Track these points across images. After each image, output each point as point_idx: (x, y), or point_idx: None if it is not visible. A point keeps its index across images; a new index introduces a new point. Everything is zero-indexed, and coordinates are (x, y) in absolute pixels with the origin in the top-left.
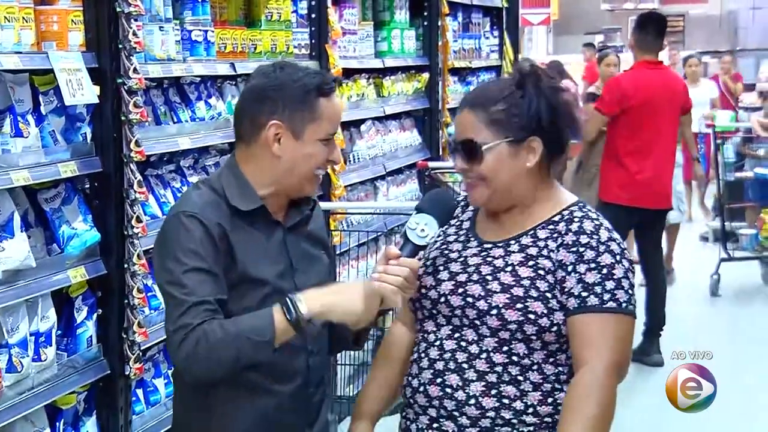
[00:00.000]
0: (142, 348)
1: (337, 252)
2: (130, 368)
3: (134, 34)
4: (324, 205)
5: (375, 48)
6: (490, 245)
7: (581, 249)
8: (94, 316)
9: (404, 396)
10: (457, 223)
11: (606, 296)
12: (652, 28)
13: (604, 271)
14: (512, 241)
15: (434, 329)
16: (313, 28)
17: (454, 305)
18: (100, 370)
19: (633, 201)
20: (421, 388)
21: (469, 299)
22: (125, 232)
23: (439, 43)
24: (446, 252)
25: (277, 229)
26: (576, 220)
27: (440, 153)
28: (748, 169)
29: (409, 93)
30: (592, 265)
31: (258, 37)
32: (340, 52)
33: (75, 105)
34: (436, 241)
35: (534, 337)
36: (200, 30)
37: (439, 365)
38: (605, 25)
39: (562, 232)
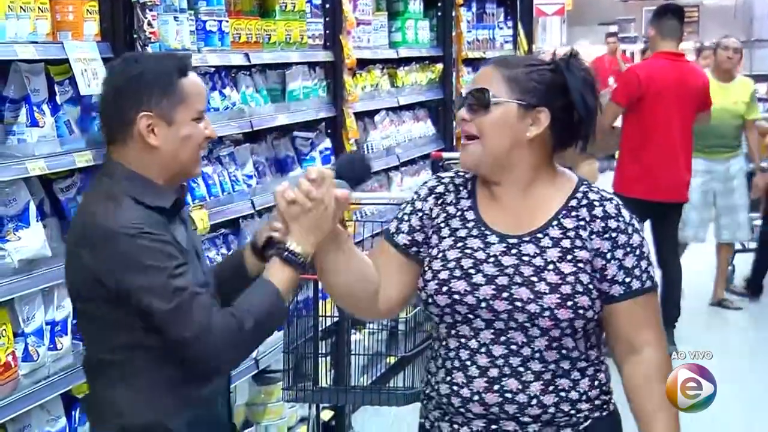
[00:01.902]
0: None
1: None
2: None
3: (149, 24)
4: None
5: (389, 38)
6: (515, 239)
7: (613, 234)
8: None
9: (450, 405)
10: (458, 213)
11: (644, 276)
12: (670, 19)
13: (638, 252)
14: (539, 234)
15: (472, 334)
16: (327, 19)
17: (498, 310)
18: None
19: (647, 194)
20: (476, 397)
21: (518, 303)
22: None
23: (453, 34)
24: (467, 251)
25: (178, 219)
26: (596, 204)
27: (454, 143)
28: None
29: (423, 83)
30: (627, 249)
31: (272, 27)
32: (354, 43)
33: (90, 95)
34: (443, 238)
35: (581, 330)
36: (215, 20)
37: (493, 372)
38: (619, 16)
39: (588, 219)
